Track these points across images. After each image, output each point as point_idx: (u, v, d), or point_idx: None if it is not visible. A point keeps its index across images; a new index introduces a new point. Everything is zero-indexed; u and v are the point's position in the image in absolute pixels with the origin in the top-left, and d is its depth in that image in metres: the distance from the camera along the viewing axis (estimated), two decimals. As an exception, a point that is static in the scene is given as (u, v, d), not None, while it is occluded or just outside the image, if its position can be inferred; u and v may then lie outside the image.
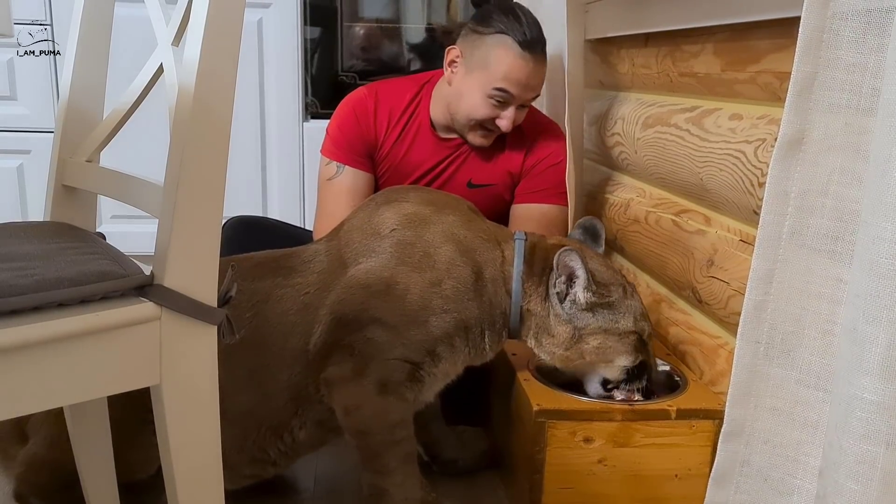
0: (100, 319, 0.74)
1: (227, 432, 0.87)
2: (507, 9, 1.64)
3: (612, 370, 1.28)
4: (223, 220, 0.85)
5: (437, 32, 2.70)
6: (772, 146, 1.03)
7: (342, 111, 1.74)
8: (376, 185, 1.76)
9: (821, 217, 0.86)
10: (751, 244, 1.16)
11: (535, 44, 1.59)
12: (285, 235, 1.72)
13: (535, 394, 1.26)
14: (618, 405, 1.24)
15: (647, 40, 1.63)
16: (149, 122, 1.30)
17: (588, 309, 1.25)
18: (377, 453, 1.22)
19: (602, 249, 1.40)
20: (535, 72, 1.61)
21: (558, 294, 1.26)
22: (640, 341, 1.27)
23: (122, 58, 1.46)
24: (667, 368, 1.39)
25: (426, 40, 2.72)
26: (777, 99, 1.15)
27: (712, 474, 1.00)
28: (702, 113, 1.38)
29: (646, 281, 1.66)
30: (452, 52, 1.67)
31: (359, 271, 1.24)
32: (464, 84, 1.64)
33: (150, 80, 0.96)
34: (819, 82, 0.83)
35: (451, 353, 1.25)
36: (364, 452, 1.23)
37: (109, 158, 1.00)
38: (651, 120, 1.58)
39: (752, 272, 0.91)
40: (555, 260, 1.24)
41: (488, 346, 1.29)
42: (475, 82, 1.62)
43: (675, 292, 1.50)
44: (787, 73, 0.87)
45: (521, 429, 1.30)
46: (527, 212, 1.73)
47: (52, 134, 1.04)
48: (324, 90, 2.63)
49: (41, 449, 1.22)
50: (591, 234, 1.42)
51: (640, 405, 1.24)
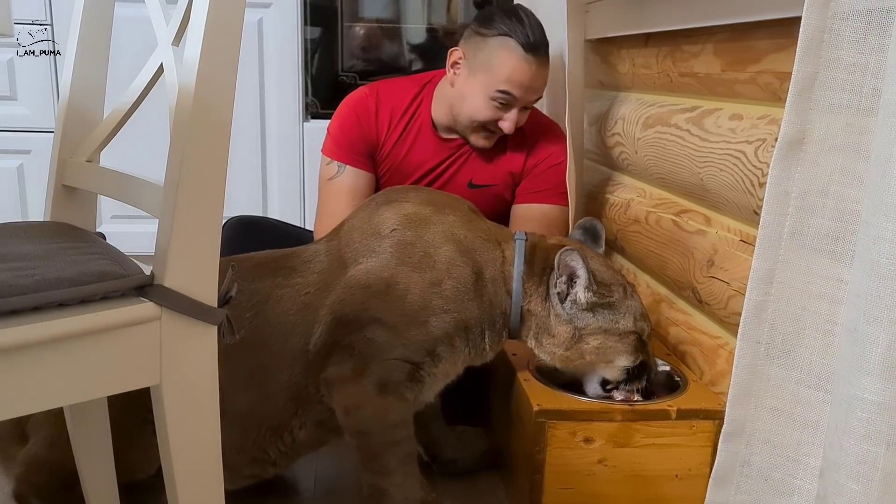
0: (100, 319, 0.74)
1: (227, 432, 0.87)
2: (510, 10, 1.64)
3: (612, 370, 1.28)
4: (223, 220, 0.85)
5: (438, 33, 2.70)
6: (772, 146, 1.03)
7: (343, 111, 1.74)
8: (377, 184, 1.76)
9: (821, 217, 0.86)
10: (751, 244, 1.16)
11: (538, 46, 1.59)
12: (285, 235, 1.72)
13: (536, 394, 1.26)
14: (618, 405, 1.24)
15: (648, 40, 1.63)
16: (149, 122, 1.30)
17: (589, 309, 1.25)
18: (377, 453, 1.22)
19: (602, 250, 1.40)
20: (538, 74, 1.61)
21: (559, 294, 1.26)
22: (640, 341, 1.27)
23: (122, 58, 1.46)
24: (667, 368, 1.39)
25: (426, 40, 2.71)
26: (777, 99, 1.15)
27: (713, 475, 1.00)
28: (702, 113, 1.38)
29: (646, 281, 1.66)
30: (455, 54, 1.67)
31: (359, 271, 1.24)
32: (466, 86, 1.64)
33: (151, 81, 0.96)
34: (820, 82, 0.83)
35: (451, 354, 1.25)
36: (364, 453, 1.23)
37: (109, 158, 1.00)
38: (651, 120, 1.57)
39: (753, 272, 0.91)
40: (556, 260, 1.24)
41: (488, 346, 1.29)
42: (478, 84, 1.62)
43: (675, 292, 1.50)
44: (788, 73, 0.87)
45: (521, 429, 1.30)
46: (527, 212, 1.73)
47: (52, 134, 1.04)
48: (324, 90, 2.63)
49: (41, 449, 1.22)
50: (591, 235, 1.42)
51: (640, 405, 1.24)
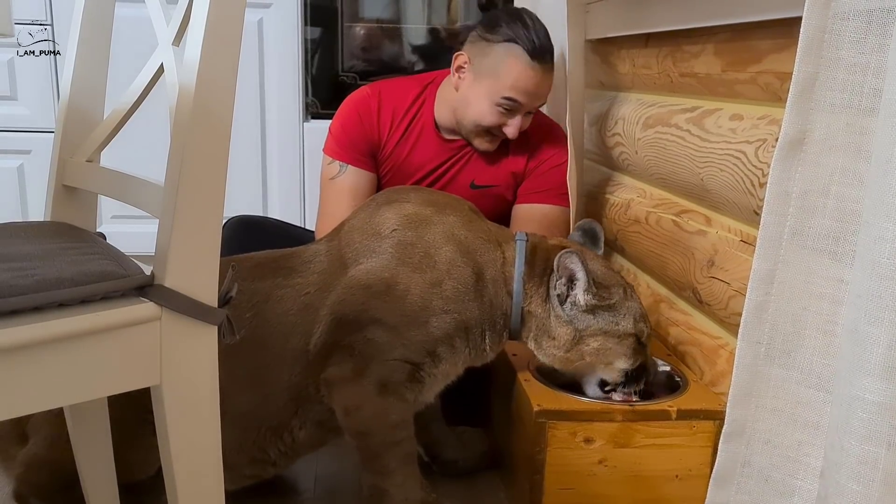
0: (100, 319, 0.74)
1: (228, 432, 0.87)
2: (515, 14, 1.63)
3: (611, 372, 1.28)
4: (223, 220, 0.85)
5: (438, 33, 2.70)
6: (772, 146, 1.03)
7: (345, 110, 1.74)
8: (378, 184, 1.75)
9: (822, 217, 0.86)
10: (751, 245, 1.16)
11: (543, 53, 1.58)
12: (286, 235, 1.71)
13: (536, 394, 1.26)
14: (618, 406, 1.24)
15: (648, 40, 1.63)
16: (149, 122, 1.30)
17: (588, 311, 1.25)
18: (377, 454, 1.22)
19: (601, 252, 1.40)
20: (543, 81, 1.61)
21: (559, 296, 1.25)
22: (639, 343, 1.27)
23: (123, 58, 1.46)
24: (667, 369, 1.39)
25: (427, 41, 2.72)
26: (778, 99, 1.15)
27: (713, 475, 0.99)
28: (702, 113, 1.38)
29: (646, 281, 1.66)
30: (460, 59, 1.66)
31: (359, 272, 1.24)
32: (471, 91, 1.63)
33: (151, 81, 0.96)
34: (820, 82, 0.83)
35: (451, 354, 1.25)
36: (364, 453, 1.23)
37: (110, 158, 1.00)
38: (651, 120, 1.57)
39: (753, 273, 0.91)
40: (555, 262, 1.24)
41: (489, 346, 1.29)
42: (483, 90, 1.61)
43: (675, 293, 1.50)
44: (788, 73, 0.87)
45: (521, 429, 1.30)
46: (528, 212, 1.72)
47: (52, 134, 1.04)
48: (324, 90, 2.63)
49: (41, 449, 1.22)
50: (590, 237, 1.42)
51: (640, 406, 1.24)
